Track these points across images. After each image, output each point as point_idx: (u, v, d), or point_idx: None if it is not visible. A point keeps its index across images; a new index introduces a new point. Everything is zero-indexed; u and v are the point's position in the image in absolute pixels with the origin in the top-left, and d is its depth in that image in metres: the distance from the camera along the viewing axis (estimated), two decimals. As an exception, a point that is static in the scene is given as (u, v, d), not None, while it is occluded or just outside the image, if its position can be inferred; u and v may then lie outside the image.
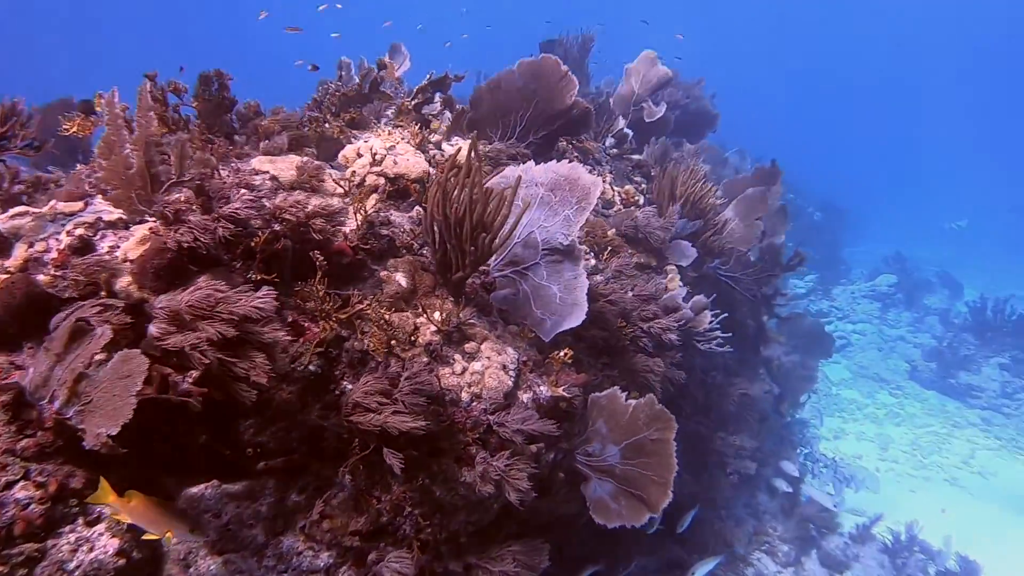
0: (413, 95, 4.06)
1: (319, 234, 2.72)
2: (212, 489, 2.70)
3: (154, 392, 2.29)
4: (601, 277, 3.65)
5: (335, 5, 8.87)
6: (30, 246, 2.61)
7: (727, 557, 5.54)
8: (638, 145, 5.48)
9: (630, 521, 2.87)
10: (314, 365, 2.74)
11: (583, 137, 4.70)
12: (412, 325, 2.85)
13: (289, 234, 2.82)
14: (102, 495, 1.97)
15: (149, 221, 2.68)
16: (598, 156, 4.89)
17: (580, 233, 3.87)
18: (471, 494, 2.81)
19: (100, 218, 2.74)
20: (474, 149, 2.52)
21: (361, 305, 2.61)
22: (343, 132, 3.80)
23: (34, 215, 2.70)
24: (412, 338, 2.85)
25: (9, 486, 2.04)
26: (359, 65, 4.34)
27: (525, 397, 2.88)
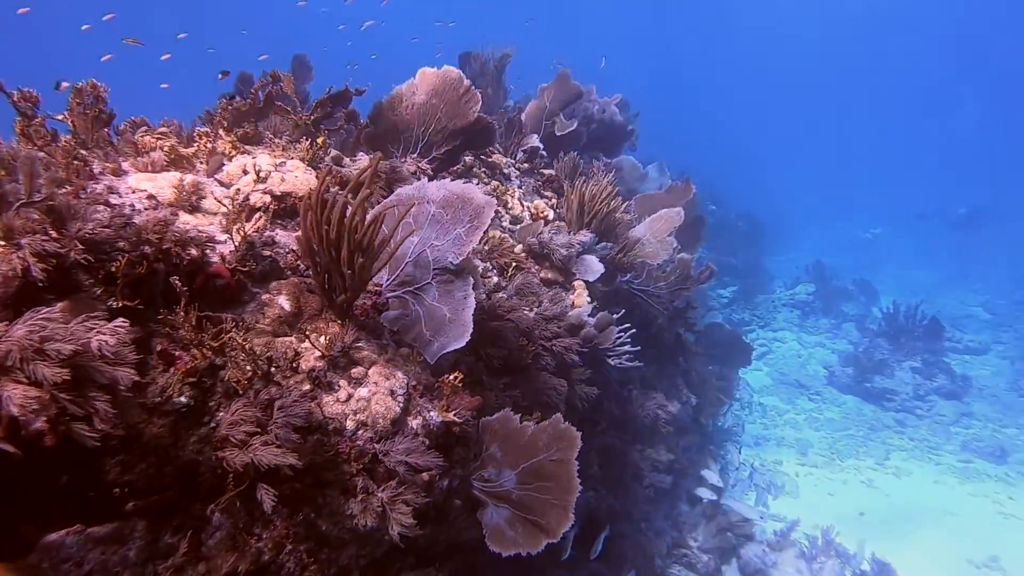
0: (312, 110, 3.92)
1: (187, 256, 2.55)
2: (74, 535, 2.48)
3: (2, 434, 2.09)
4: (504, 295, 3.58)
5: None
6: None
7: (646, 570, 5.54)
8: (550, 160, 5.47)
9: (526, 548, 2.79)
10: (186, 396, 2.57)
11: (491, 150, 4.63)
12: (293, 351, 2.71)
13: (160, 256, 2.65)
14: None
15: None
16: (507, 171, 4.84)
17: (482, 248, 3.80)
18: (359, 527, 2.69)
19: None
20: (353, 168, 2.42)
21: (229, 332, 2.45)
22: (236, 147, 3.62)
23: None
24: (294, 364, 2.71)
25: None
26: (260, 78, 4.17)
27: (414, 423, 2.77)
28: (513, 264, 3.82)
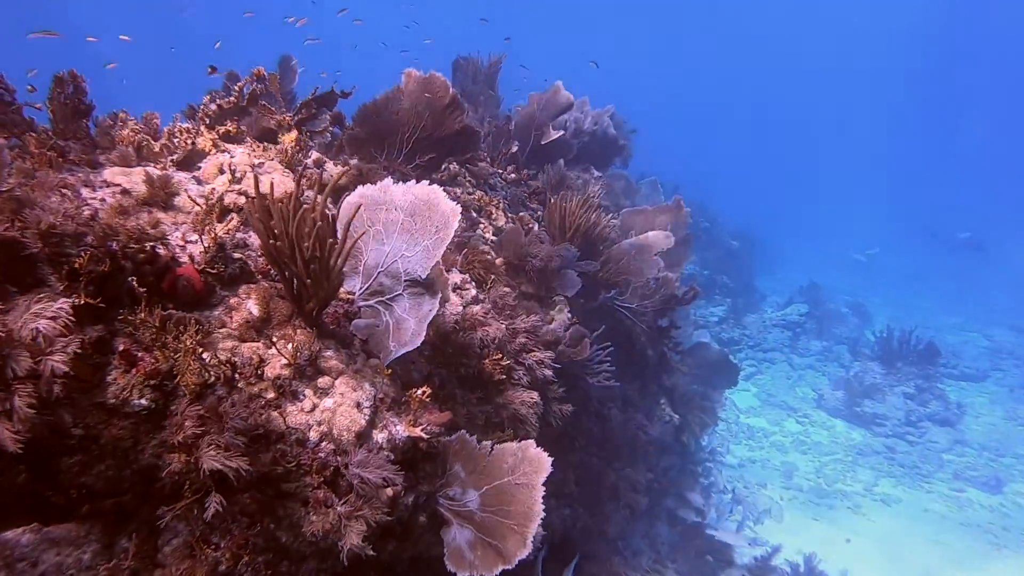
0: (296, 110, 3.87)
1: (155, 255, 2.50)
2: (31, 534, 2.43)
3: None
4: (480, 308, 3.52)
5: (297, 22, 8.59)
6: None
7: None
8: (537, 171, 5.42)
9: (482, 571, 2.71)
10: (147, 399, 2.51)
11: (476, 158, 4.58)
12: (259, 357, 2.65)
13: (127, 253, 2.60)
14: None
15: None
16: (492, 181, 4.79)
17: (460, 259, 3.74)
18: (320, 540, 2.62)
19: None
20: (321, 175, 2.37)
21: (186, 335, 2.39)
22: (216, 145, 3.57)
23: None
24: (259, 371, 2.65)
25: None
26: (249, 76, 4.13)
27: (380, 437, 2.71)
28: (492, 277, 3.77)
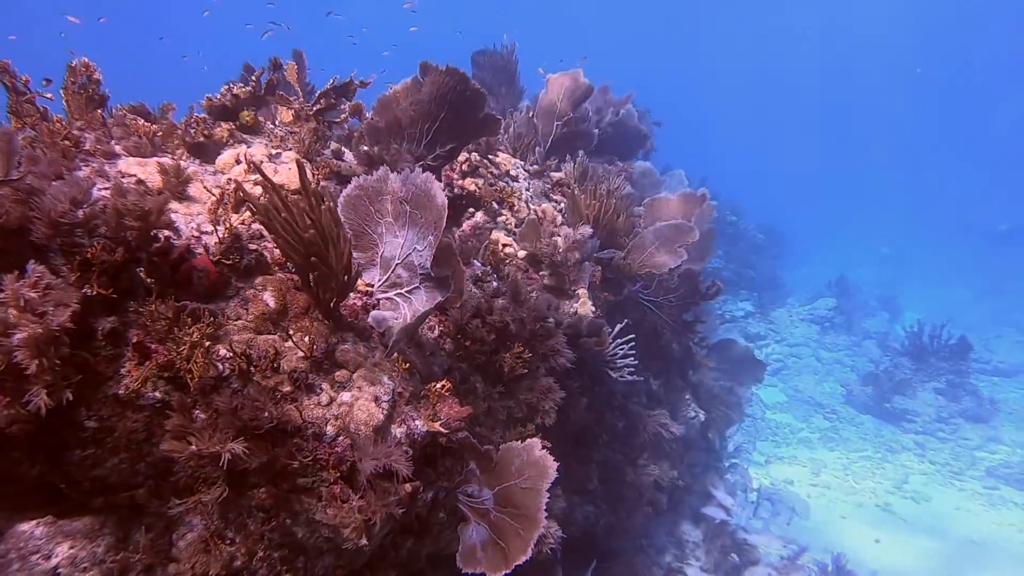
0: (315, 100, 3.81)
1: (170, 245, 2.45)
2: (44, 526, 2.41)
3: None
4: (502, 300, 3.43)
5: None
6: None
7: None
8: (560, 162, 5.30)
9: (488, 571, 2.64)
10: (160, 391, 2.47)
11: (497, 149, 4.48)
12: (275, 349, 2.59)
13: (141, 244, 2.55)
14: None
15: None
16: (514, 172, 4.69)
17: (481, 251, 3.65)
18: (336, 536, 2.56)
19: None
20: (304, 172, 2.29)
21: (194, 328, 2.33)
22: (233, 135, 3.52)
23: None
24: (275, 363, 2.59)
25: None
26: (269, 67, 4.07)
27: (398, 432, 2.63)
28: (513, 269, 3.67)
